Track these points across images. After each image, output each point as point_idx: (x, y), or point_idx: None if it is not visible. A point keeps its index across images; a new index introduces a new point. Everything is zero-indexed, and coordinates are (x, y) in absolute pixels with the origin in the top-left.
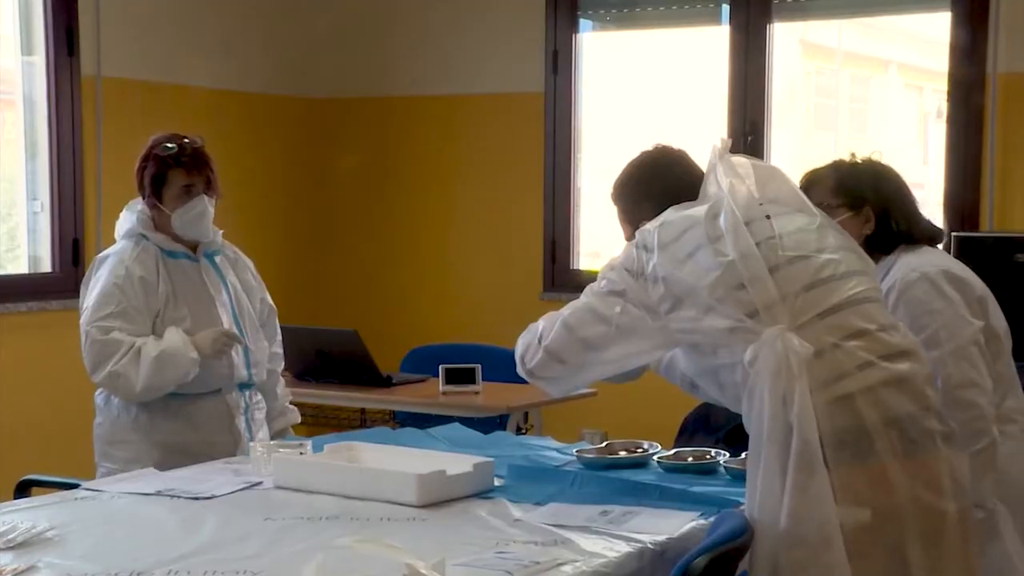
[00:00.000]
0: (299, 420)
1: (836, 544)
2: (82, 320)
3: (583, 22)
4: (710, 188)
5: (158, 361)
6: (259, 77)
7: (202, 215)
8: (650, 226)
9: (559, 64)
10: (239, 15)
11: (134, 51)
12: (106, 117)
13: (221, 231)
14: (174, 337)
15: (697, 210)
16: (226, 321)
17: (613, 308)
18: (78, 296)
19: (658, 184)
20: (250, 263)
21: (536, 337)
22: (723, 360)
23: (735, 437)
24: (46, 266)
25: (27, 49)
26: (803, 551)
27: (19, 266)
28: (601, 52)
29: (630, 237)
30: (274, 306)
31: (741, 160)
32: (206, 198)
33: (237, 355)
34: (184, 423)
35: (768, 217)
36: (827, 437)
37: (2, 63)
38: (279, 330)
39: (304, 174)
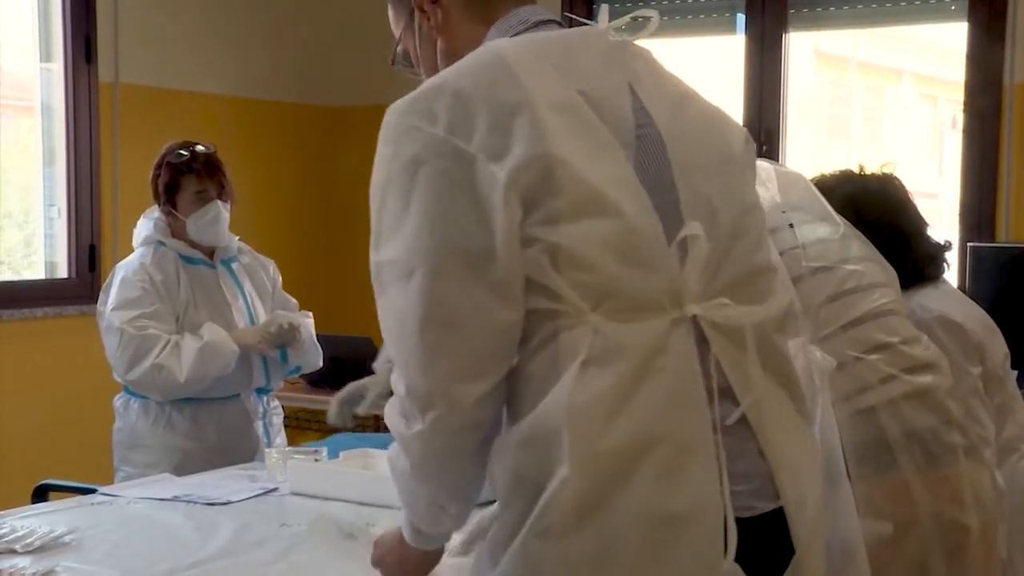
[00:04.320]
0: (299, 324)
1: (859, 558)
2: (104, 324)
3: None
4: None
5: (202, 352)
6: (275, 85)
7: (216, 219)
8: None
9: None
10: (255, 24)
11: (151, 58)
12: (123, 124)
13: (237, 237)
14: (215, 330)
15: None
16: (242, 328)
17: None
18: (95, 302)
19: None
20: (269, 263)
21: None
22: None
23: None
24: (63, 272)
25: (45, 56)
26: (825, 565)
27: (36, 272)
28: None
29: None
30: (289, 296)
31: (764, 165)
32: (220, 203)
33: (255, 360)
34: (203, 427)
35: (791, 226)
36: (849, 450)
37: (20, 70)
38: (292, 303)
39: (318, 181)
